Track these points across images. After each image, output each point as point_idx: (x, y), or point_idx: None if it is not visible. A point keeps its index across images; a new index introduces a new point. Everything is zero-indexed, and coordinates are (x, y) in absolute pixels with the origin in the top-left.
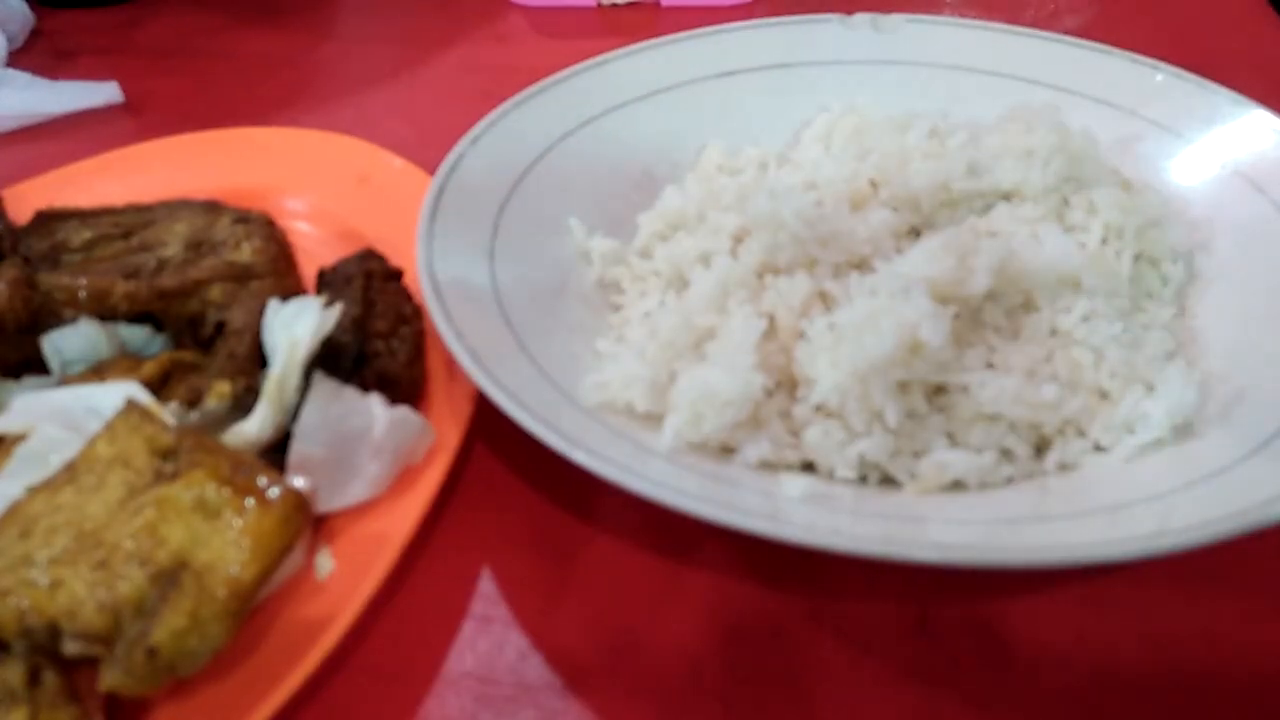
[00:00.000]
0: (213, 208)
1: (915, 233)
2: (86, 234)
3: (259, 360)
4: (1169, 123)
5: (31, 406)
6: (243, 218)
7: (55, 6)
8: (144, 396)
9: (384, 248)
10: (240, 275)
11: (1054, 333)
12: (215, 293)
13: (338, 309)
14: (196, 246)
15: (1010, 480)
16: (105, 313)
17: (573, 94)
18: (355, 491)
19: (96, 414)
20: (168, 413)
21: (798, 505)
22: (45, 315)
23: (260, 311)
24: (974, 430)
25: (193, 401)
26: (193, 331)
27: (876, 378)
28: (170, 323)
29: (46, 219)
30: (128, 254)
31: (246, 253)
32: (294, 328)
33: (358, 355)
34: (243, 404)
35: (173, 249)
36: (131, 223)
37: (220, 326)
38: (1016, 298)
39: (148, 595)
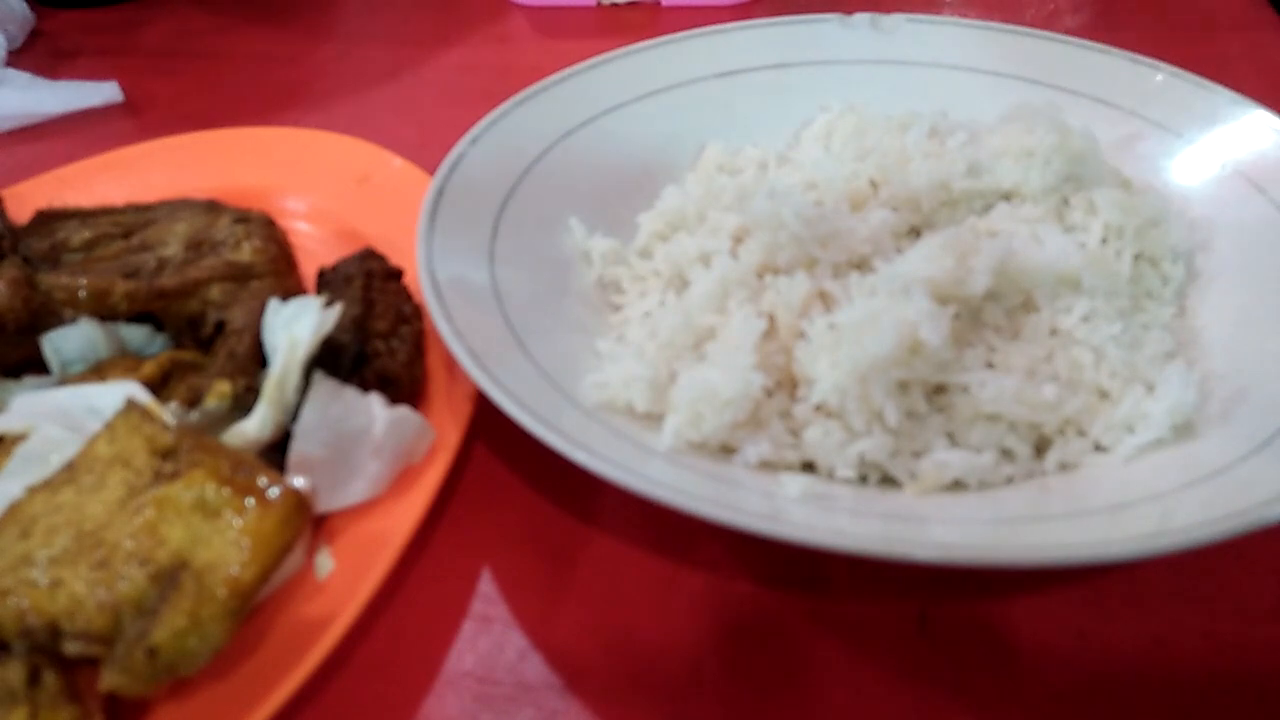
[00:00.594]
0: (213, 208)
1: (915, 233)
2: (86, 234)
3: (259, 360)
4: (1169, 123)
5: (31, 406)
6: (243, 218)
7: (55, 6)
8: (144, 396)
9: (384, 248)
10: (240, 275)
11: (1054, 333)
12: (215, 293)
13: (338, 309)
14: (196, 246)
15: (1010, 480)
16: (105, 313)
17: (573, 94)
18: (355, 491)
19: (96, 414)
20: (168, 413)
21: (798, 505)
22: (45, 315)
23: (260, 311)
24: (974, 430)
25: (193, 401)
26: (193, 331)
27: (876, 377)
28: (170, 323)
29: (46, 219)
30: (128, 254)
31: (246, 252)
32: (294, 328)
33: (358, 355)
34: (243, 404)
35: (173, 249)
36: (131, 223)
37: (220, 326)
38: (1016, 298)
39: (148, 595)
